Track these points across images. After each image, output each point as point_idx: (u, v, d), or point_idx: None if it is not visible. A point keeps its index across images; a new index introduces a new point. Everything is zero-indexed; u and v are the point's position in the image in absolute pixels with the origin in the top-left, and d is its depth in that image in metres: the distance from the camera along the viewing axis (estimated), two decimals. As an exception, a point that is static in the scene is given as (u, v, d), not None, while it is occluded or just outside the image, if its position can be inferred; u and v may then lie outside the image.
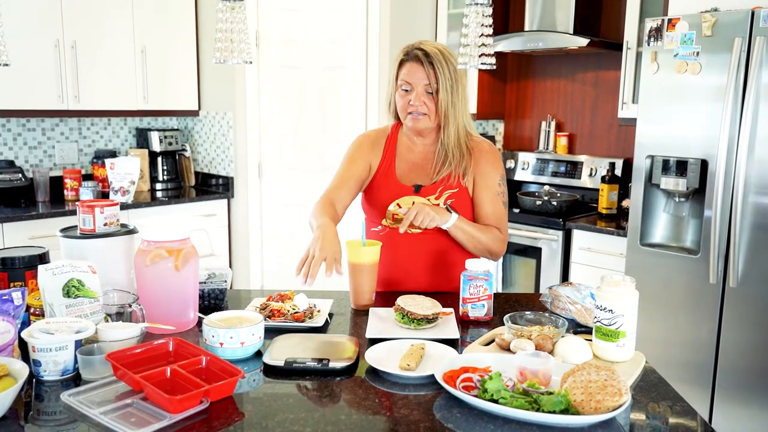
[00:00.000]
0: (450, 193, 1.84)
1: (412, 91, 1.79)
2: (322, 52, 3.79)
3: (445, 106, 1.78)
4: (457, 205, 1.83)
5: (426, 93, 1.78)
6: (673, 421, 1.16)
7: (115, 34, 3.68)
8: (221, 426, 1.09)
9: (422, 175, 1.88)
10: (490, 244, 1.84)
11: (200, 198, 3.92)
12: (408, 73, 1.78)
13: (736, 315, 2.64)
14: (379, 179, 1.91)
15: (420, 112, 1.79)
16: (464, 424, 1.11)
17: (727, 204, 2.62)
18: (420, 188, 1.85)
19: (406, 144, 1.93)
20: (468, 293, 1.63)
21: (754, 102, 2.51)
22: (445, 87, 1.76)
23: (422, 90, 1.78)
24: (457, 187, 1.84)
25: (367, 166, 1.92)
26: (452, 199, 1.84)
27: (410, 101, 1.79)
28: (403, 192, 1.86)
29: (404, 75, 1.79)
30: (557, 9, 3.58)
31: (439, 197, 1.83)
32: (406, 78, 1.79)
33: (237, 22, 1.58)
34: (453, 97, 1.78)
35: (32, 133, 3.77)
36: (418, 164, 1.90)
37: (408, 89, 1.79)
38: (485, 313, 1.63)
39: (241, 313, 1.46)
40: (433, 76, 1.75)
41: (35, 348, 1.24)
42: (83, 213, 1.64)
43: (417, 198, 1.84)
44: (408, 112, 1.81)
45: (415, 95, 1.78)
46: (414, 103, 1.79)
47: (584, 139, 3.94)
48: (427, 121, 1.81)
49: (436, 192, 1.84)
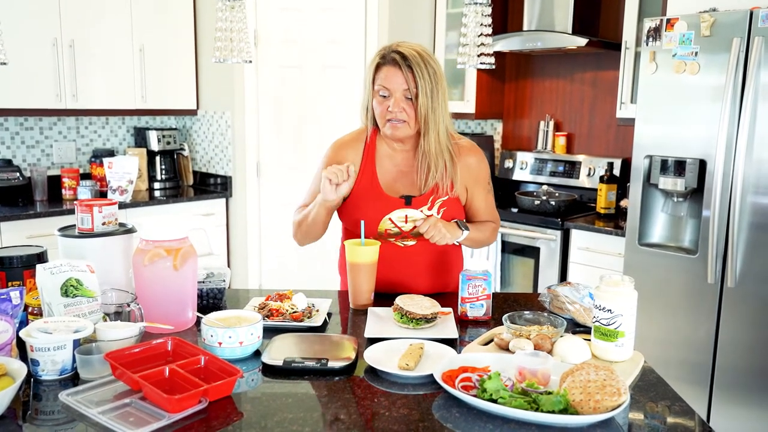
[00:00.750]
0: (442, 202, 1.78)
1: (390, 97, 1.69)
2: (320, 52, 3.79)
3: (425, 112, 1.68)
4: (450, 214, 1.79)
5: (405, 99, 1.69)
6: (672, 420, 1.16)
7: (114, 33, 3.68)
8: (220, 426, 1.09)
9: (408, 185, 1.80)
10: (488, 239, 1.91)
11: (198, 197, 3.92)
12: (385, 78, 1.68)
13: (734, 315, 2.65)
14: (363, 192, 1.79)
15: (399, 119, 1.70)
16: (463, 423, 1.11)
17: (725, 204, 2.62)
18: (411, 199, 1.77)
19: (386, 152, 1.82)
20: (467, 293, 1.63)
21: (753, 102, 2.51)
22: (424, 92, 1.66)
23: (401, 96, 1.68)
24: (447, 195, 1.79)
25: None
26: (445, 207, 1.79)
27: (389, 108, 1.70)
28: (392, 205, 1.77)
29: (381, 80, 1.69)
30: (556, 9, 3.59)
31: (431, 207, 1.78)
32: (383, 83, 1.69)
33: (236, 21, 1.58)
34: (433, 102, 1.68)
35: (30, 132, 3.77)
36: (402, 172, 1.81)
37: (386, 95, 1.70)
38: (484, 312, 1.63)
39: (239, 313, 1.46)
40: (412, 80, 1.66)
41: (33, 347, 1.24)
42: (81, 212, 1.64)
43: (409, 211, 1.76)
44: (387, 119, 1.72)
45: (393, 101, 1.69)
46: (393, 110, 1.69)
47: (583, 139, 3.94)
48: (406, 128, 1.72)
49: (428, 202, 1.77)
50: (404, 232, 1.79)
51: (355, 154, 1.83)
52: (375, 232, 1.79)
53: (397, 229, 1.79)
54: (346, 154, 1.83)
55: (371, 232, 1.78)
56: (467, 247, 1.91)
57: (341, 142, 1.88)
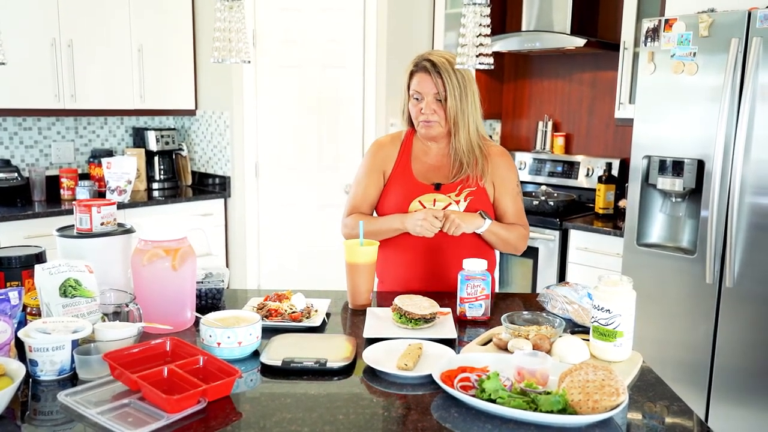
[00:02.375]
0: (469, 191, 1.90)
1: (423, 100, 1.87)
2: (319, 52, 3.79)
3: (454, 113, 1.85)
4: (477, 203, 1.90)
5: (435, 101, 1.86)
6: (670, 420, 1.16)
7: (112, 33, 3.67)
8: (218, 426, 1.09)
9: (440, 176, 1.94)
10: (517, 241, 1.96)
11: (197, 197, 3.92)
12: (418, 83, 1.87)
13: (733, 315, 2.65)
14: (396, 179, 1.97)
15: (431, 120, 1.87)
16: (462, 423, 1.11)
17: (723, 204, 2.63)
18: (440, 186, 1.92)
19: (421, 148, 1.99)
20: (465, 293, 1.63)
21: (751, 102, 2.52)
22: (453, 95, 1.83)
23: (432, 98, 1.86)
24: (475, 186, 1.91)
25: (381, 174, 1.99)
26: (472, 197, 1.90)
27: (421, 110, 1.88)
28: (422, 190, 1.92)
29: (415, 85, 1.88)
30: (554, 9, 3.59)
31: (459, 194, 1.90)
32: (416, 88, 1.88)
33: (235, 22, 1.57)
34: (462, 103, 1.85)
35: (28, 132, 3.76)
36: (435, 166, 1.96)
37: (419, 98, 1.88)
38: (482, 312, 1.64)
39: (238, 313, 1.46)
40: (441, 84, 1.83)
41: (32, 348, 1.24)
42: (80, 212, 1.64)
43: (438, 195, 1.90)
44: (420, 120, 1.89)
45: (425, 104, 1.87)
46: (425, 111, 1.87)
47: (581, 139, 3.95)
48: (438, 127, 1.89)
49: (456, 189, 1.90)
50: None
51: (389, 153, 2.00)
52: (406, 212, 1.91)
53: None
54: (384, 154, 2.01)
55: (402, 211, 1.91)
56: (495, 246, 1.95)
57: (380, 143, 2.06)
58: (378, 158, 2.00)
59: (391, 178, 1.97)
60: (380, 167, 1.99)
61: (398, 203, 1.93)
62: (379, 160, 2.00)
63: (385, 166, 1.99)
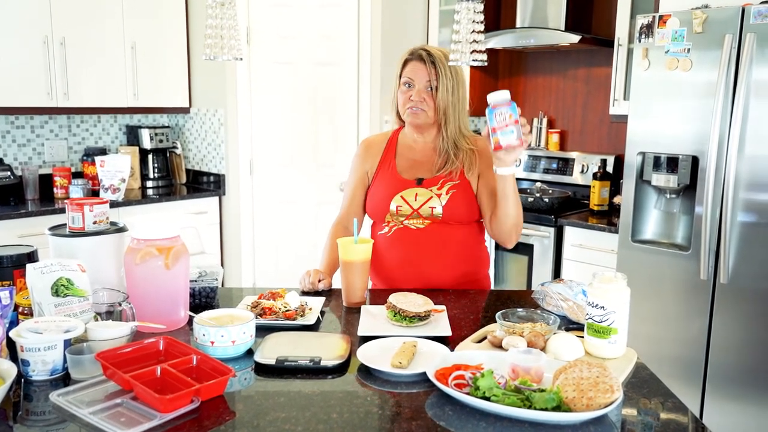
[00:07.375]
0: (452, 185, 1.88)
1: (413, 87, 1.86)
2: (313, 49, 3.78)
3: (445, 105, 1.85)
4: (459, 196, 1.87)
5: (426, 90, 1.85)
6: (665, 417, 1.16)
7: (105, 31, 3.65)
8: (212, 425, 1.09)
9: (423, 170, 1.93)
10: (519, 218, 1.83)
11: (191, 196, 3.90)
12: (411, 71, 1.86)
13: (727, 311, 2.66)
14: (380, 177, 1.96)
15: (419, 107, 1.86)
16: (456, 421, 1.11)
17: (717, 200, 2.63)
18: (422, 181, 1.90)
19: (407, 143, 1.99)
20: (495, 122, 1.58)
21: (745, 98, 2.52)
22: (445, 86, 1.83)
23: (423, 87, 1.85)
24: (459, 180, 1.89)
25: (365, 174, 2.00)
26: (454, 190, 1.88)
27: (411, 96, 1.86)
28: (404, 185, 1.91)
29: (407, 72, 1.87)
30: (549, 6, 3.59)
31: (441, 188, 1.88)
32: (409, 75, 1.87)
33: (227, 19, 1.56)
34: (452, 97, 1.85)
35: (21, 131, 3.74)
36: (419, 161, 1.95)
37: (410, 85, 1.87)
38: (516, 137, 1.57)
39: (232, 312, 1.45)
40: (434, 74, 1.83)
41: (23, 347, 1.23)
42: (72, 211, 1.63)
43: (419, 190, 1.89)
44: (408, 107, 1.88)
45: (415, 91, 1.86)
46: (414, 99, 1.86)
47: (576, 136, 3.95)
48: (425, 116, 1.87)
49: (438, 183, 1.89)
50: (414, 209, 1.88)
51: (374, 152, 2.01)
52: (387, 210, 1.90)
53: (407, 207, 1.88)
54: (370, 153, 2.01)
55: (384, 210, 1.91)
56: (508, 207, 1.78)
57: (367, 142, 2.06)
58: (362, 159, 2.01)
59: (376, 175, 1.98)
60: (365, 168, 2.00)
61: (381, 200, 1.92)
62: (364, 161, 2.01)
63: (370, 165, 1.99)
